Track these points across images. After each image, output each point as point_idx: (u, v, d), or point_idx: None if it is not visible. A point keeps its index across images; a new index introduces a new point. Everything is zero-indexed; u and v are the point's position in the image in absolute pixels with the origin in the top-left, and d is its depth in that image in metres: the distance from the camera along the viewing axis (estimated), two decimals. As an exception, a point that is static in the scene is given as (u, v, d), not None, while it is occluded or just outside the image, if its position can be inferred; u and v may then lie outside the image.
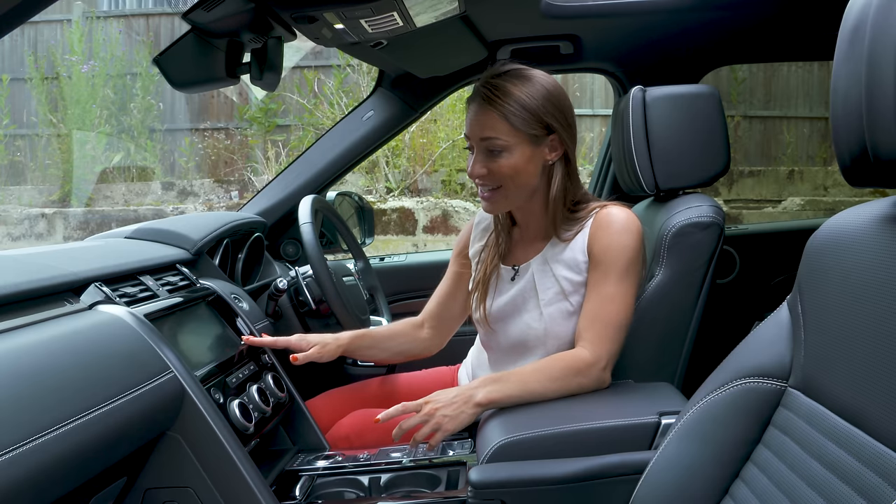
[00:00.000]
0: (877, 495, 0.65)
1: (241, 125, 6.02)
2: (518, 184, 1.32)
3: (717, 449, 0.87)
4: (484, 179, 1.32)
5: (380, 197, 5.32)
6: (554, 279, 1.35)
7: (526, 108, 1.29)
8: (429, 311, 1.59)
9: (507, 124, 1.29)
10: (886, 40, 0.65)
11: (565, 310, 1.35)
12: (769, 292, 2.22)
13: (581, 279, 1.34)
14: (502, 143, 1.29)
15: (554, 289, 1.35)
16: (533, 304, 1.37)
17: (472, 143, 1.33)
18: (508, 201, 1.35)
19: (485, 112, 1.30)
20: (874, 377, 0.69)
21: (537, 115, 1.30)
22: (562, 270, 1.35)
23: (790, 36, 2.06)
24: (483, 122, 1.30)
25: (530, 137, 1.30)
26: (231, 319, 1.51)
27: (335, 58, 5.67)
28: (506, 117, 1.28)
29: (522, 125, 1.29)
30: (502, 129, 1.29)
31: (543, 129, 1.31)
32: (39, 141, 6.12)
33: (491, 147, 1.30)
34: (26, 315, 1.01)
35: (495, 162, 1.30)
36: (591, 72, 2.28)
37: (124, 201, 5.83)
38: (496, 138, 1.29)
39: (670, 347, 1.51)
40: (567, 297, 1.34)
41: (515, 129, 1.29)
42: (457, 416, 1.20)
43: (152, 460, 1.15)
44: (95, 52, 6.03)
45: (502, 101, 1.28)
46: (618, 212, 1.33)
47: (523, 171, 1.31)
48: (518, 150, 1.30)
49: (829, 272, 0.79)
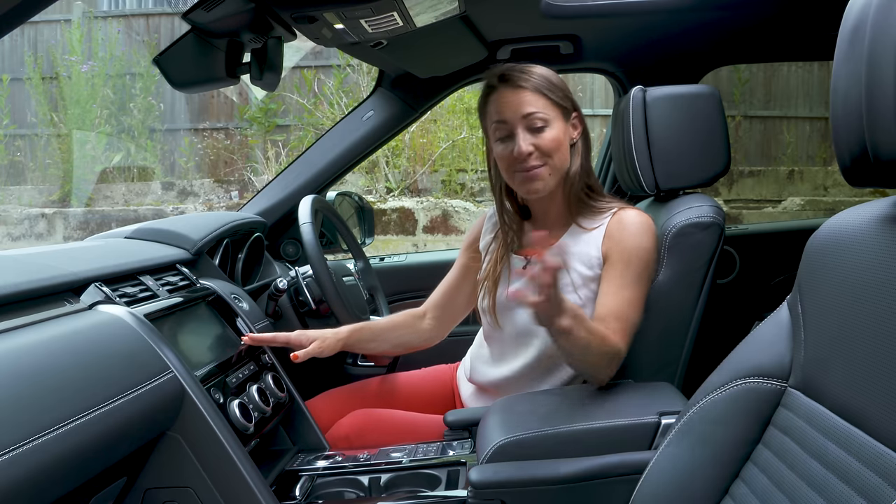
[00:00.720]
0: (877, 495, 0.65)
1: (241, 125, 6.02)
2: (560, 159, 1.36)
3: (717, 449, 0.87)
4: (532, 157, 1.34)
5: (380, 197, 5.32)
6: (565, 271, 1.36)
7: (552, 81, 1.36)
8: (433, 301, 1.60)
9: (545, 98, 1.34)
10: (886, 40, 0.65)
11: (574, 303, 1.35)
12: (769, 292, 2.22)
13: (592, 274, 1.35)
14: (543, 115, 1.34)
15: (564, 280, 1.36)
16: None
17: (512, 124, 1.35)
18: (552, 178, 1.37)
19: (518, 92, 1.34)
20: (874, 377, 0.69)
21: (563, 89, 1.37)
22: (574, 263, 1.37)
23: (790, 36, 2.06)
24: (520, 101, 1.34)
25: (563, 112, 1.37)
26: (231, 319, 1.51)
27: (335, 58, 5.67)
28: (541, 92, 1.34)
29: (557, 98, 1.35)
30: (541, 104, 1.34)
31: (570, 103, 1.38)
32: (39, 141, 6.12)
33: (533, 123, 1.34)
34: (26, 315, 1.01)
35: (540, 137, 1.34)
36: (591, 72, 2.28)
37: (124, 201, 5.83)
38: (537, 112, 1.34)
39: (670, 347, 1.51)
40: (576, 290, 1.36)
41: (552, 103, 1.35)
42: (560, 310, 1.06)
43: (152, 460, 1.15)
44: (95, 52, 6.03)
45: (534, 79, 1.34)
46: (635, 215, 1.37)
47: (563, 145, 1.37)
48: (556, 124, 1.35)
49: (829, 272, 0.79)
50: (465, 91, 5.32)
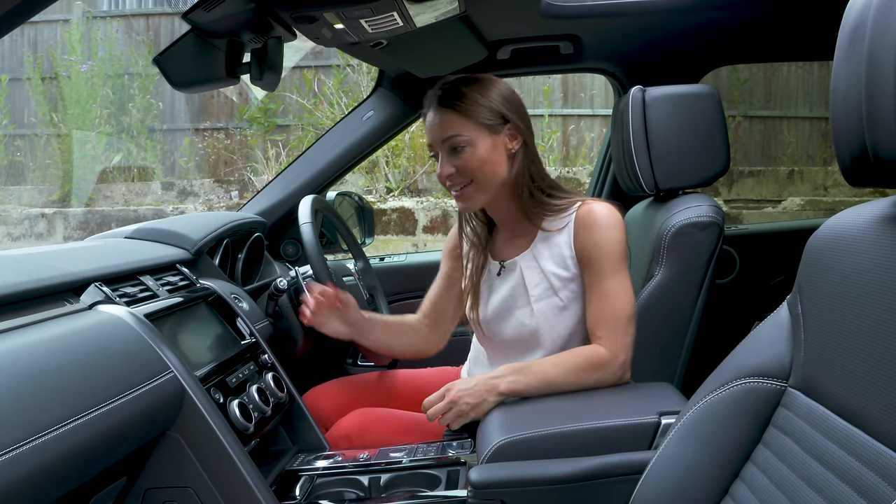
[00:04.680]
0: (877, 495, 0.65)
1: (241, 125, 6.02)
2: (487, 174, 1.35)
3: (717, 449, 0.87)
4: (453, 178, 1.36)
5: (380, 197, 5.32)
6: (542, 275, 1.37)
7: (478, 101, 1.34)
8: (423, 311, 1.61)
9: (465, 119, 1.33)
10: (886, 40, 0.65)
11: (556, 305, 1.36)
12: (769, 292, 2.22)
13: (568, 275, 1.35)
14: (464, 138, 1.33)
15: (543, 284, 1.37)
16: (523, 301, 1.38)
17: (436, 148, 1.37)
18: (481, 195, 1.37)
19: (441, 114, 1.34)
20: (874, 377, 0.69)
21: (490, 106, 1.34)
22: (550, 266, 1.36)
23: (790, 36, 2.06)
24: (441, 123, 1.34)
25: (488, 128, 1.34)
26: (231, 319, 1.51)
27: (335, 58, 5.66)
28: (461, 113, 1.33)
29: (479, 117, 1.33)
30: (461, 125, 1.33)
31: (499, 118, 1.35)
32: (39, 141, 6.11)
33: (454, 144, 1.34)
34: (26, 315, 1.01)
35: (460, 158, 1.34)
36: (591, 72, 2.28)
37: (124, 201, 5.83)
38: (457, 135, 1.33)
39: (670, 347, 1.51)
40: (556, 293, 1.36)
41: (473, 123, 1.33)
42: (479, 405, 1.25)
43: (152, 460, 1.15)
44: (94, 52, 6.02)
45: (456, 100, 1.34)
46: (599, 207, 1.35)
47: (489, 160, 1.35)
48: (480, 142, 1.34)
49: (829, 272, 0.79)
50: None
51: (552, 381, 1.27)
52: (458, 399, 1.25)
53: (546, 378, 1.26)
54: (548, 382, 1.27)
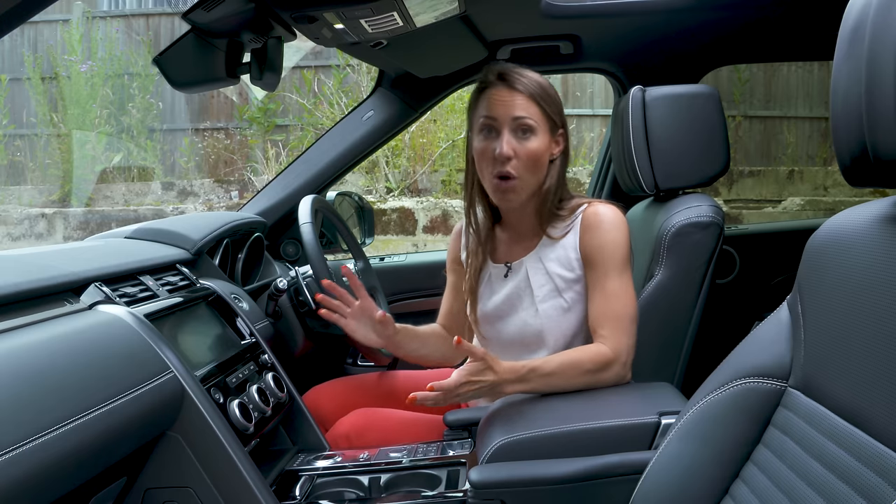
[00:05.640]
0: (877, 495, 0.65)
1: (241, 125, 6.01)
2: (535, 172, 1.34)
3: (717, 449, 0.87)
4: (509, 163, 1.32)
5: (380, 197, 5.32)
6: (548, 276, 1.37)
7: (550, 94, 1.34)
8: (441, 324, 1.59)
9: (537, 107, 1.33)
10: (886, 40, 0.65)
11: (560, 306, 1.36)
12: (769, 292, 2.22)
13: (573, 276, 1.35)
14: (533, 123, 1.32)
15: (548, 286, 1.37)
16: (528, 302, 1.38)
17: (500, 123, 1.32)
18: (523, 192, 1.35)
19: (514, 94, 1.32)
20: (874, 377, 0.69)
21: (558, 104, 1.36)
22: (555, 267, 1.36)
23: (790, 36, 2.06)
24: (514, 102, 1.32)
25: (550, 125, 1.35)
26: (231, 319, 1.51)
27: (335, 58, 5.66)
28: (536, 101, 1.32)
29: (550, 109, 1.34)
30: (533, 111, 1.32)
31: (560, 119, 1.36)
32: (39, 141, 6.11)
33: (524, 126, 1.32)
34: (26, 315, 1.01)
35: (523, 143, 1.32)
36: (591, 72, 2.28)
37: (124, 201, 5.82)
38: (528, 117, 1.32)
39: (670, 347, 1.51)
40: (561, 294, 1.36)
41: (543, 113, 1.33)
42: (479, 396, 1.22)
43: (152, 460, 1.15)
44: (94, 52, 6.02)
45: (531, 86, 1.32)
46: (605, 209, 1.35)
47: (542, 158, 1.34)
48: (542, 135, 1.34)
49: (829, 272, 0.79)
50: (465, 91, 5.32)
51: (555, 384, 1.26)
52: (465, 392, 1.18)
53: (549, 380, 1.26)
54: (551, 385, 1.26)
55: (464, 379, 1.18)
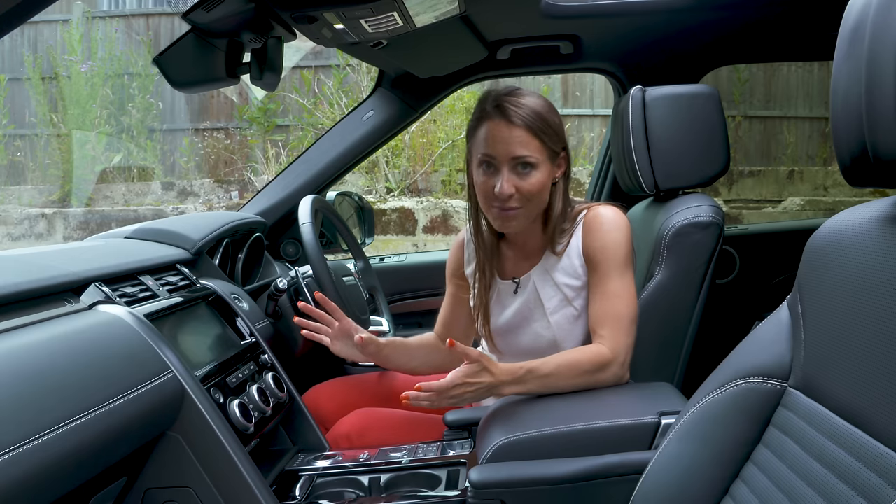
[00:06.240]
0: (877, 495, 0.65)
1: (241, 125, 6.02)
2: (537, 202, 1.32)
3: (717, 449, 0.87)
4: (511, 199, 1.29)
5: (380, 197, 5.32)
6: (556, 287, 1.36)
7: (551, 125, 1.29)
8: (438, 334, 1.57)
9: (538, 142, 1.28)
10: (886, 40, 0.65)
11: (571, 315, 1.36)
12: (769, 292, 2.22)
13: (580, 283, 1.35)
14: (534, 160, 1.28)
15: (558, 297, 1.36)
16: (539, 314, 1.38)
17: (499, 162, 1.29)
18: (525, 219, 1.34)
19: (512, 129, 1.27)
20: (874, 377, 0.69)
21: (557, 130, 1.31)
22: (562, 278, 1.36)
23: (790, 36, 2.06)
24: (513, 140, 1.27)
25: (551, 155, 1.31)
26: (231, 319, 1.51)
27: (335, 58, 5.67)
28: (535, 134, 1.27)
29: (550, 140, 1.29)
30: (534, 147, 1.28)
31: (560, 144, 1.33)
32: (39, 141, 6.12)
33: (523, 163, 1.28)
34: (26, 315, 1.01)
35: (524, 180, 1.29)
36: (591, 72, 2.28)
37: (124, 201, 5.83)
38: (528, 156, 1.28)
39: (670, 347, 1.51)
40: (571, 303, 1.36)
41: (544, 146, 1.29)
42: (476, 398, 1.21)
43: (152, 460, 1.15)
44: (94, 52, 6.02)
45: (529, 117, 1.27)
46: (606, 211, 1.34)
47: (545, 188, 1.32)
48: (543, 167, 1.30)
49: (829, 272, 0.79)
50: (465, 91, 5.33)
51: (554, 384, 1.26)
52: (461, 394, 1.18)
53: (547, 381, 1.25)
54: (550, 386, 1.26)
55: (459, 380, 1.17)
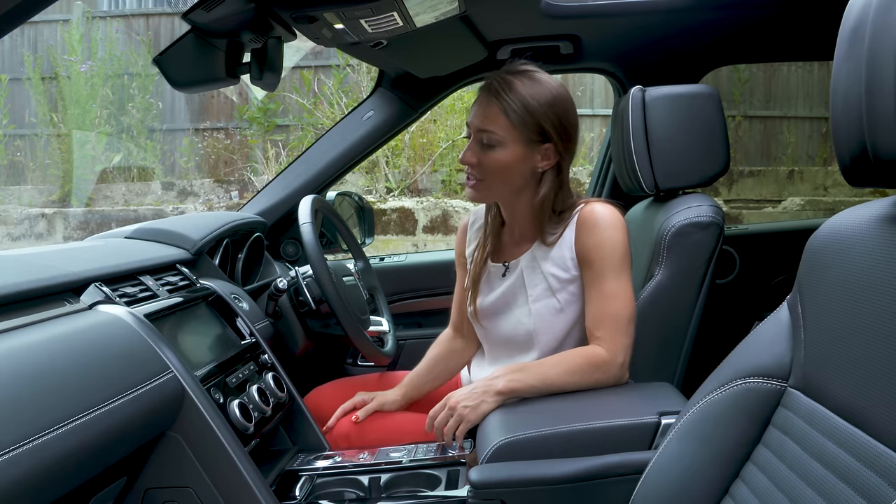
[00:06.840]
0: (877, 495, 0.65)
1: (241, 125, 6.02)
2: (502, 180, 1.34)
3: (717, 449, 0.87)
4: (472, 169, 1.35)
5: (380, 197, 5.32)
6: (542, 276, 1.37)
7: (527, 108, 1.31)
8: (455, 321, 1.60)
9: (506, 120, 1.31)
10: (886, 40, 0.65)
11: (553, 307, 1.36)
12: (769, 292, 2.22)
13: (568, 276, 1.35)
14: (497, 137, 1.32)
15: (542, 286, 1.37)
16: (522, 301, 1.39)
17: (471, 130, 1.36)
18: (489, 194, 1.38)
19: (488, 103, 1.32)
20: (874, 377, 0.69)
21: (536, 119, 1.31)
22: (550, 268, 1.36)
23: (790, 36, 2.06)
24: (484, 113, 1.33)
25: (525, 139, 1.32)
26: (231, 319, 1.51)
27: (335, 58, 5.67)
28: (506, 112, 1.31)
29: (520, 125, 1.31)
30: (501, 124, 1.31)
31: (539, 135, 1.32)
32: (39, 141, 6.12)
33: (486, 139, 1.33)
34: (26, 315, 1.01)
35: (486, 154, 1.33)
36: (591, 72, 2.28)
37: (124, 201, 5.83)
38: (492, 132, 1.32)
39: (670, 347, 1.51)
40: (554, 294, 1.36)
41: (512, 127, 1.31)
42: (477, 406, 1.25)
43: (152, 460, 1.15)
44: (94, 52, 6.02)
45: (506, 97, 1.31)
46: (601, 209, 1.34)
47: (511, 169, 1.33)
48: (511, 148, 1.32)
49: (829, 272, 0.79)
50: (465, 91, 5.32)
51: (551, 381, 1.27)
52: (457, 404, 1.26)
53: (545, 378, 1.26)
54: (547, 382, 1.27)
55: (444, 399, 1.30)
